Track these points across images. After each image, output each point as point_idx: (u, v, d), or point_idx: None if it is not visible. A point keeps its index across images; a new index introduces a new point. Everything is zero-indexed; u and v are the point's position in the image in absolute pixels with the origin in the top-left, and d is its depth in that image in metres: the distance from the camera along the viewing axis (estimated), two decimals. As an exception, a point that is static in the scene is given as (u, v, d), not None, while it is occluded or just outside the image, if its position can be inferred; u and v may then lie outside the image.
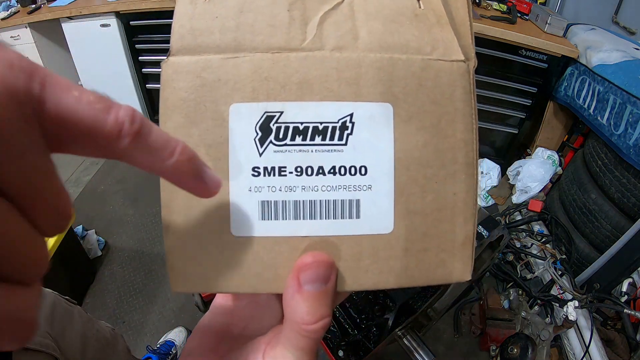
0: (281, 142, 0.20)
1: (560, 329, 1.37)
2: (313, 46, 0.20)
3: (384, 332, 0.68)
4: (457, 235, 0.22)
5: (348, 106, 0.20)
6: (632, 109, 1.53)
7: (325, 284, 0.20)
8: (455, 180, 0.21)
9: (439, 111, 0.21)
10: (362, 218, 0.21)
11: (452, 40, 0.21)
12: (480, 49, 1.97)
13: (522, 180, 2.10)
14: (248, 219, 0.20)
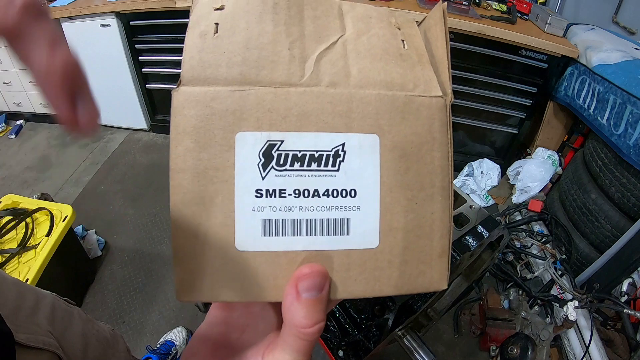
0: (282, 167, 0.23)
1: (560, 329, 1.37)
2: (311, 82, 0.23)
3: (384, 332, 0.68)
4: (435, 249, 0.25)
5: (340, 137, 0.23)
6: (632, 109, 1.53)
7: (321, 292, 0.22)
8: (433, 202, 0.25)
9: (419, 141, 0.24)
10: (351, 234, 0.24)
11: (432, 78, 0.25)
12: (480, 49, 1.97)
13: (522, 180, 2.10)
14: (251, 235, 0.23)
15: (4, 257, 1.54)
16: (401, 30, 0.26)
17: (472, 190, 2.25)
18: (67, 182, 2.35)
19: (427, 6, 1.97)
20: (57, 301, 0.66)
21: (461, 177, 2.34)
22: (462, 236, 0.60)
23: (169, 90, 0.69)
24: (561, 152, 2.19)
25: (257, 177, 0.22)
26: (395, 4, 1.96)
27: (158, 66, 2.44)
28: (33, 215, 1.53)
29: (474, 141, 2.39)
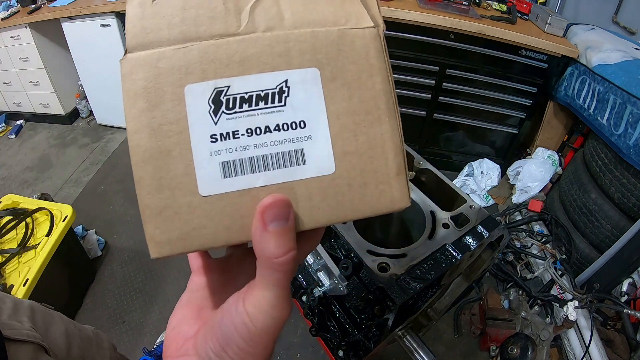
0: (231, 110, 0.24)
1: (560, 329, 1.37)
2: (248, 30, 0.25)
3: (384, 332, 0.68)
4: (390, 168, 0.26)
5: (282, 74, 0.25)
6: (632, 109, 1.53)
7: (287, 221, 0.23)
8: (380, 123, 0.26)
9: (358, 69, 0.26)
10: (307, 163, 0.25)
11: (362, 11, 0.26)
12: (480, 49, 1.97)
13: (522, 180, 2.10)
14: (212, 180, 0.24)
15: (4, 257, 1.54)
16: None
17: (472, 190, 2.25)
18: (67, 182, 2.35)
19: (427, 6, 1.97)
20: (35, 305, 0.68)
21: (461, 177, 2.34)
22: (462, 236, 0.60)
23: None
24: (561, 152, 2.19)
25: (210, 123, 0.24)
26: (395, 4, 1.96)
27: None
28: (33, 215, 1.53)
29: (474, 141, 2.39)
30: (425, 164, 0.74)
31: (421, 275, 0.54)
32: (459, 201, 0.67)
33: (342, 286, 0.66)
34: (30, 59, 2.57)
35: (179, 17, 0.24)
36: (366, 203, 0.26)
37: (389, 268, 0.54)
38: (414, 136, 2.40)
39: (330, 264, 0.70)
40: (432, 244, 0.58)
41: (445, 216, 0.63)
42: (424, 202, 0.66)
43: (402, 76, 2.15)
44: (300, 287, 0.86)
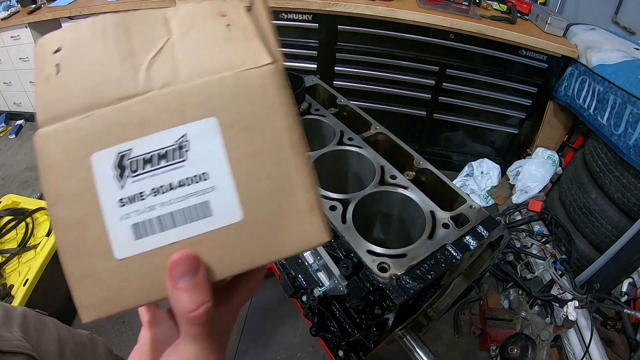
0: (135, 173, 0.25)
1: (560, 329, 1.37)
2: (145, 89, 0.25)
3: (384, 332, 0.68)
4: (301, 206, 0.26)
5: (180, 129, 0.25)
6: (632, 109, 1.53)
7: (196, 275, 0.24)
8: (285, 161, 0.26)
9: (256, 110, 0.26)
10: (214, 215, 0.25)
11: (259, 49, 0.26)
12: (480, 49, 1.97)
13: (522, 180, 2.10)
14: (125, 243, 0.25)
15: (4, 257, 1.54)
16: (227, 16, 0.28)
17: (472, 190, 2.25)
18: (67, 182, 2.35)
19: (427, 6, 1.97)
20: (28, 312, 0.68)
21: (461, 177, 2.34)
22: (462, 236, 0.60)
23: None
24: (561, 152, 2.19)
25: (116, 188, 0.25)
26: (395, 4, 1.96)
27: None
28: (33, 215, 1.53)
29: (474, 141, 2.39)
30: (425, 164, 0.74)
31: (421, 275, 0.54)
32: (459, 201, 0.67)
33: (342, 286, 0.66)
34: (31, 59, 2.57)
35: (81, 87, 0.25)
36: (280, 244, 0.26)
37: (389, 268, 0.54)
38: (414, 136, 2.40)
39: (330, 264, 0.70)
40: (432, 244, 0.58)
41: (445, 216, 0.63)
42: (424, 202, 0.66)
43: (402, 76, 2.15)
44: (300, 287, 0.86)
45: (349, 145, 0.77)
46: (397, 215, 0.74)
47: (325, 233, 0.27)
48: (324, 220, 0.27)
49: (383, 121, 0.85)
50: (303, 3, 1.98)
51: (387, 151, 0.81)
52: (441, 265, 0.55)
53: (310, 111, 0.87)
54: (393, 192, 0.68)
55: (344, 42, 2.12)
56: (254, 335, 1.58)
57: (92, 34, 0.27)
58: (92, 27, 0.27)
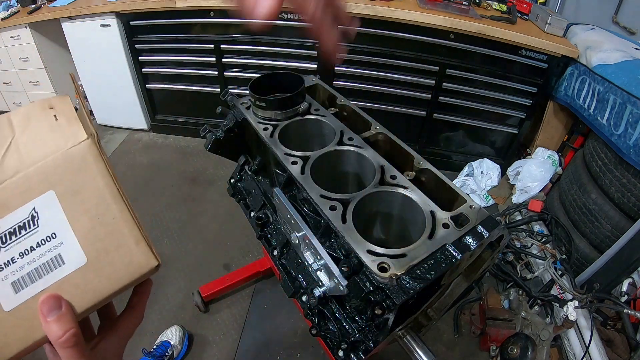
0: (5, 244, 0.33)
1: (560, 329, 1.37)
2: (2, 179, 0.33)
3: (384, 332, 0.68)
4: (129, 241, 0.34)
5: (30, 204, 0.33)
6: (632, 109, 1.53)
7: (60, 310, 0.31)
8: (110, 210, 0.34)
9: (82, 177, 0.34)
10: (66, 262, 0.33)
11: (78, 129, 0.35)
12: (480, 49, 1.97)
13: (522, 180, 2.10)
14: (9, 297, 0.32)
15: None
16: (54, 108, 0.37)
17: (472, 190, 2.25)
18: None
19: (427, 6, 1.97)
20: None
21: (461, 177, 2.34)
22: (462, 236, 0.59)
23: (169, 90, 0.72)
24: (561, 152, 2.19)
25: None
26: (395, 4, 1.96)
27: (158, 66, 2.44)
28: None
29: (474, 141, 2.39)
30: (425, 164, 0.74)
31: (421, 275, 0.54)
32: (459, 201, 0.67)
33: (342, 286, 0.66)
34: (30, 59, 2.57)
35: None
36: (120, 275, 0.34)
37: (389, 268, 0.54)
38: (414, 136, 2.41)
39: (330, 264, 0.70)
40: (432, 244, 0.58)
41: (445, 216, 0.63)
42: (424, 202, 0.66)
43: (402, 76, 2.15)
44: (300, 287, 0.86)
45: (349, 145, 0.77)
46: (397, 215, 0.73)
47: (154, 258, 0.35)
48: (150, 249, 0.35)
49: (383, 121, 0.85)
50: (303, 3, 1.98)
51: (387, 151, 0.81)
52: (441, 265, 0.55)
53: (310, 111, 0.87)
54: (393, 192, 0.68)
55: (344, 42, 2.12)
56: (254, 335, 1.58)
57: None
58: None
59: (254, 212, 1.01)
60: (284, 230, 0.88)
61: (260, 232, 0.99)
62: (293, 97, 0.84)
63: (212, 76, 2.38)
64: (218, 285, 1.64)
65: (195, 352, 1.53)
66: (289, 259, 0.92)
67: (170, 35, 2.28)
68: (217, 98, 1.09)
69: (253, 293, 1.73)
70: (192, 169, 2.45)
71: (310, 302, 0.78)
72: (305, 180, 0.70)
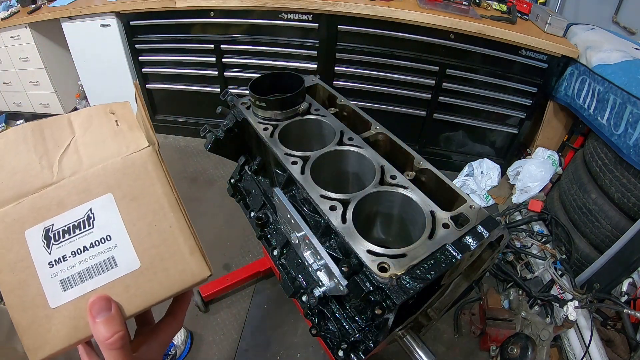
0: (58, 241, 0.33)
1: (560, 329, 1.37)
2: (59, 178, 0.35)
3: (384, 332, 0.68)
4: (184, 251, 0.35)
5: (87, 205, 0.34)
6: (632, 109, 1.53)
7: (110, 312, 0.32)
8: (166, 218, 0.35)
9: (141, 183, 0.35)
10: (119, 265, 0.34)
11: (140, 136, 0.37)
12: (480, 49, 1.97)
13: (522, 180, 2.10)
14: (56, 294, 0.33)
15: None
16: (115, 114, 0.39)
17: (472, 190, 2.25)
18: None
19: (427, 6, 1.97)
20: None
21: (461, 177, 2.34)
22: (462, 236, 0.59)
23: (169, 90, 0.73)
24: (561, 152, 2.19)
25: (46, 254, 0.33)
26: (395, 4, 1.96)
27: (158, 66, 2.44)
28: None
29: (474, 141, 2.39)
30: (425, 164, 0.74)
31: (421, 275, 0.54)
32: (459, 201, 0.67)
33: (342, 286, 0.66)
34: (30, 59, 2.57)
35: (10, 182, 0.34)
36: (173, 282, 0.34)
37: (389, 268, 0.54)
38: (414, 136, 2.40)
39: (330, 264, 0.70)
40: (432, 244, 0.58)
41: (445, 216, 0.63)
42: (424, 202, 0.66)
43: (402, 76, 2.15)
44: (300, 287, 0.86)
45: (349, 145, 0.77)
46: (397, 215, 0.73)
47: (207, 269, 0.36)
48: (204, 259, 0.36)
49: (383, 121, 0.85)
50: (303, 3, 1.98)
51: (387, 151, 0.81)
52: (441, 265, 0.55)
53: (310, 111, 0.87)
54: (393, 192, 0.68)
55: (344, 42, 2.12)
56: (254, 335, 1.58)
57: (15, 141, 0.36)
58: (14, 135, 0.36)
59: (254, 212, 1.01)
60: (284, 230, 0.88)
61: (260, 232, 0.99)
62: (293, 97, 0.84)
63: (212, 76, 2.38)
64: (218, 285, 1.64)
65: (195, 352, 1.53)
66: (289, 259, 0.92)
67: (170, 35, 2.28)
68: (217, 98, 1.09)
69: (253, 293, 1.73)
70: (192, 169, 2.45)
71: (310, 302, 0.78)
72: (305, 180, 0.70)
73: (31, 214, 0.34)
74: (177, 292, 0.35)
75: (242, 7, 2.08)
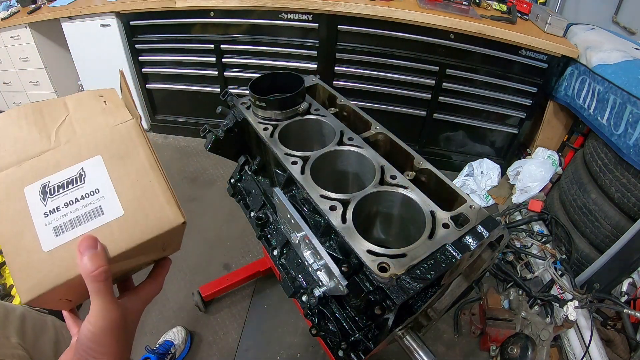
0: (53, 195, 0.39)
1: (560, 329, 1.37)
2: (56, 145, 0.41)
3: (384, 332, 0.68)
4: (162, 201, 0.41)
5: (79, 165, 0.41)
6: (632, 109, 1.53)
7: (95, 249, 0.36)
8: (147, 176, 0.41)
9: (125, 147, 0.42)
10: (105, 213, 0.39)
11: (125, 112, 0.45)
12: (480, 49, 1.97)
13: (522, 180, 2.10)
14: (49, 239, 0.37)
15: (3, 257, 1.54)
16: (103, 96, 0.46)
17: (472, 190, 2.25)
18: (67, 182, 2.35)
19: (427, 6, 1.97)
20: (28, 312, 0.69)
21: (461, 177, 2.34)
22: (462, 236, 0.59)
23: (169, 90, 0.76)
24: (561, 152, 2.19)
25: (42, 206, 0.38)
26: (395, 4, 1.96)
27: (158, 66, 2.44)
28: (33, 215, 1.54)
29: (474, 141, 2.39)
30: (425, 164, 0.74)
31: (421, 275, 0.54)
32: (459, 201, 0.67)
33: (342, 286, 0.66)
34: (30, 59, 2.57)
35: (13, 149, 0.40)
36: (152, 227, 0.39)
37: (389, 268, 0.54)
38: (414, 136, 2.41)
39: (331, 264, 0.70)
40: (432, 244, 0.58)
41: (445, 216, 0.63)
42: (424, 202, 0.66)
43: (402, 76, 2.15)
44: (300, 287, 0.86)
45: (349, 145, 0.77)
46: (397, 215, 0.73)
47: (181, 216, 0.41)
48: (179, 209, 0.41)
49: (383, 121, 0.85)
50: (303, 3, 1.98)
51: (387, 151, 0.81)
52: (441, 265, 0.55)
53: (310, 111, 0.87)
54: (393, 192, 0.68)
55: (344, 42, 2.12)
56: (254, 335, 1.58)
57: (17, 116, 0.42)
58: (17, 113, 0.43)
59: (254, 212, 1.01)
60: (284, 230, 0.88)
61: (260, 232, 0.99)
62: (293, 97, 0.84)
63: (212, 76, 2.38)
64: (218, 285, 1.64)
65: (195, 352, 1.53)
66: (289, 259, 0.92)
67: (170, 35, 2.28)
68: (217, 98, 1.09)
69: (253, 293, 1.73)
70: (192, 169, 2.45)
71: (310, 302, 0.78)
72: (305, 180, 0.70)
73: (30, 173, 0.39)
74: (156, 235, 0.39)
75: (242, 7, 2.08)
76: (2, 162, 0.40)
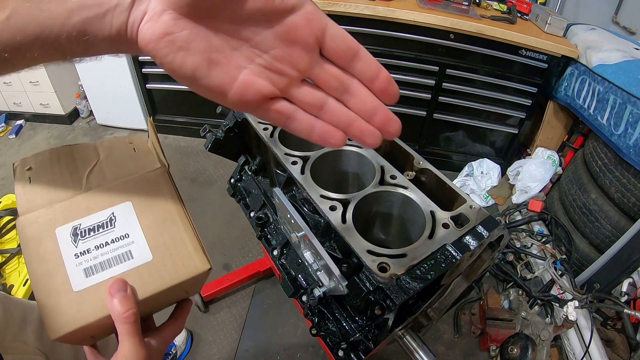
0: (84, 237, 0.40)
1: (560, 329, 1.37)
2: (87, 189, 0.43)
3: (384, 332, 0.68)
4: (189, 248, 0.42)
5: (110, 210, 0.42)
6: (632, 109, 1.53)
7: (125, 292, 0.37)
8: (175, 224, 0.43)
9: (155, 195, 0.44)
10: (134, 258, 0.40)
11: (154, 160, 0.47)
12: (480, 49, 1.97)
13: (522, 180, 2.10)
14: (79, 280, 0.39)
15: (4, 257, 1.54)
16: (132, 143, 0.49)
17: (472, 190, 2.25)
18: (67, 182, 2.35)
19: (427, 6, 1.97)
20: None
21: (461, 177, 2.34)
22: (462, 236, 0.59)
23: (169, 90, 0.76)
24: (561, 152, 2.19)
25: (72, 247, 0.40)
26: (395, 4, 1.96)
27: (158, 66, 2.43)
28: (33, 215, 1.53)
29: (474, 141, 2.39)
30: (425, 164, 0.74)
31: (421, 275, 0.54)
32: (459, 201, 0.67)
33: (342, 286, 0.66)
34: (30, 59, 2.56)
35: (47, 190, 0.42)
36: (179, 272, 0.41)
37: (389, 268, 0.54)
38: (414, 136, 2.40)
39: (331, 264, 0.70)
40: (432, 244, 0.58)
41: (445, 216, 0.63)
42: (424, 202, 0.66)
43: (402, 76, 2.15)
44: (300, 287, 0.86)
45: (349, 145, 0.77)
46: (397, 215, 0.73)
47: (208, 263, 0.42)
48: (205, 255, 0.42)
49: (383, 121, 0.85)
50: (303, 3, 1.97)
51: (387, 151, 0.81)
52: (441, 265, 0.55)
53: (310, 111, 0.87)
54: (393, 192, 0.68)
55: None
56: (254, 335, 1.58)
57: (50, 159, 0.45)
58: (50, 155, 0.45)
59: (254, 212, 1.01)
60: (284, 230, 0.88)
61: (260, 232, 0.99)
62: (293, 97, 0.84)
63: (212, 76, 2.38)
64: (218, 285, 1.64)
65: (195, 352, 1.53)
66: (289, 259, 0.92)
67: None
68: (217, 98, 1.09)
69: (253, 293, 1.73)
70: (192, 169, 2.45)
71: (310, 302, 0.78)
72: (305, 180, 0.70)
73: (61, 215, 0.41)
74: (183, 281, 0.40)
75: (242, 7, 2.08)
76: (34, 202, 0.41)
